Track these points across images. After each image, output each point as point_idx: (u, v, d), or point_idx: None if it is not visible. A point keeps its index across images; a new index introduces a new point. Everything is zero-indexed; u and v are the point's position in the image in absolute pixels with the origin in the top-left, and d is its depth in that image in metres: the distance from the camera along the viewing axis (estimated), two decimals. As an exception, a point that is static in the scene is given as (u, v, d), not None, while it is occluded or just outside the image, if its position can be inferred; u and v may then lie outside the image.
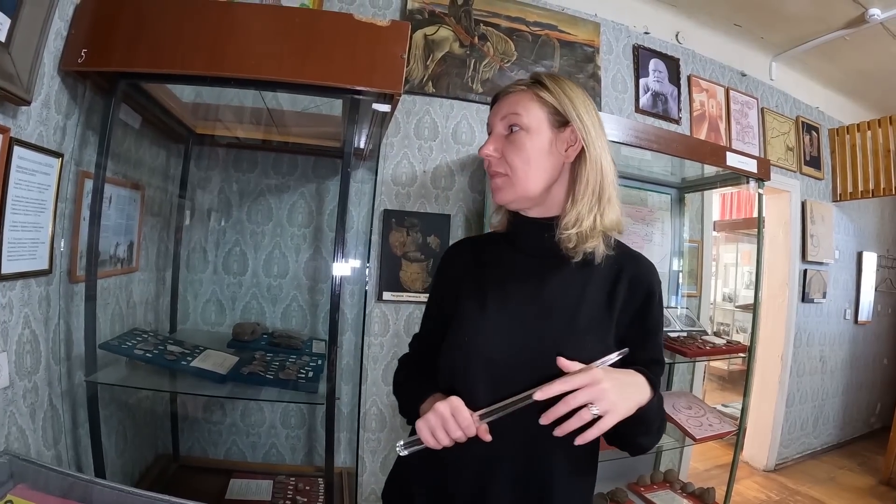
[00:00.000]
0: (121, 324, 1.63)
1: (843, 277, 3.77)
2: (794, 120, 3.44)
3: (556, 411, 0.68)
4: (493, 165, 0.83)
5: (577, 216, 0.79)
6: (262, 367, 1.54)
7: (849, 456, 3.65)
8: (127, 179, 1.61)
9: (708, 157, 2.00)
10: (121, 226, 1.59)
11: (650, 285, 0.84)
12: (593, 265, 0.82)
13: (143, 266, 1.75)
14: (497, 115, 0.84)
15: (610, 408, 0.68)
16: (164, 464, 1.86)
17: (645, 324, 0.83)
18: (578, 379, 0.68)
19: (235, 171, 2.02)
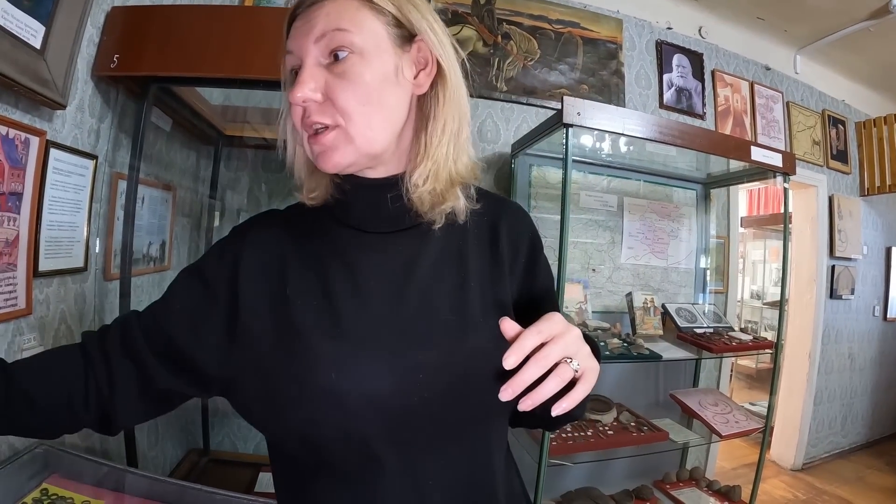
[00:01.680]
0: (154, 321, 1.64)
1: (872, 273, 3.61)
2: (821, 113, 3.31)
3: (527, 374, 0.45)
4: (313, 115, 0.52)
5: (434, 167, 0.56)
6: None
7: (877, 455, 3.50)
8: (159, 181, 1.62)
9: (732, 151, 1.92)
10: (153, 225, 1.60)
11: (531, 231, 0.65)
12: (459, 226, 0.60)
13: (176, 265, 1.76)
14: (307, 36, 0.52)
15: (586, 363, 0.48)
16: (195, 458, 1.87)
17: (537, 278, 0.64)
18: (552, 326, 0.47)
19: (264, 172, 2.02)
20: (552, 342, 0.46)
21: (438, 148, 0.57)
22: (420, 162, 0.56)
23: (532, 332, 0.46)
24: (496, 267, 0.61)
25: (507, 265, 0.62)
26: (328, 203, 0.61)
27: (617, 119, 1.60)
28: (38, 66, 1.05)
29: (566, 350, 0.47)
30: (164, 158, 1.67)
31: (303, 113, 0.54)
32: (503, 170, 2.28)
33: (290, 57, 0.55)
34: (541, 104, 2.37)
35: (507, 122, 2.33)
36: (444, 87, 0.57)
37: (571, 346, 0.47)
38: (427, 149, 0.57)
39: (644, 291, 2.20)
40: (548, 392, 0.45)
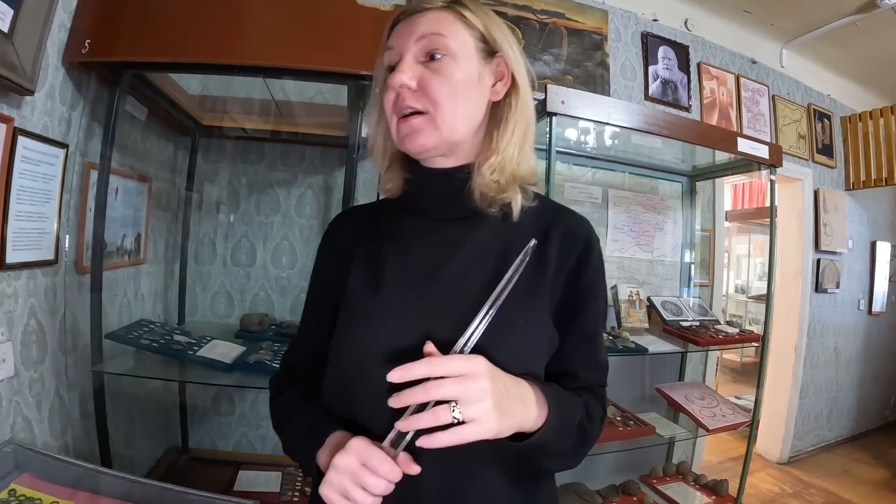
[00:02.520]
0: (128, 315, 1.62)
1: (857, 267, 3.70)
2: (806, 107, 3.37)
3: (409, 396, 0.51)
4: (407, 100, 0.62)
5: (501, 161, 0.65)
6: (268, 356, 1.52)
7: (863, 448, 3.58)
8: (134, 171, 1.61)
9: (719, 142, 1.95)
10: (128, 217, 1.58)
11: (588, 241, 0.68)
12: (513, 222, 0.66)
13: (151, 258, 1.75)
14: (410, 36, 0.63)
15: (478, 416, 0.51)
16: (173, 456, 1.86)
17: (581, 289, 0.66)
18: (452, 364, 0.52)
19: (243, 163, 2.01)
20: (450, 380, 0.51)
21: (507, 147, 0.65)
22: (489, 155, 0.65)
23: (427, 361, 0.52)
24: (538, 265, 0.64)
25: (553, 269, 0.65)
26: (399, 196, 0.72)
27: (602, 108, 1.62)
28: (6, 49, 1.03)
29: (458, 394, 0.51)
30: (140, 149, 1.65)
31: (395, 99, 0.63)
32: (489, 162, 2.28)
33: (390, 53, 0.65)
34: (526, 96, 2.38)
35: (491, 112, 2.34)
36: (516, 98, 0.67)
37: (467, 392, 0.51)
38: (497, 144, 0.66)
39: (629, 284, 2.23)
40: (417, 424, 0.51)
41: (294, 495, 1.75)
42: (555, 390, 0.61)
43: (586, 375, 0.67)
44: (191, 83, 1.78)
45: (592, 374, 0.68)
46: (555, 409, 0.58)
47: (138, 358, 1.48)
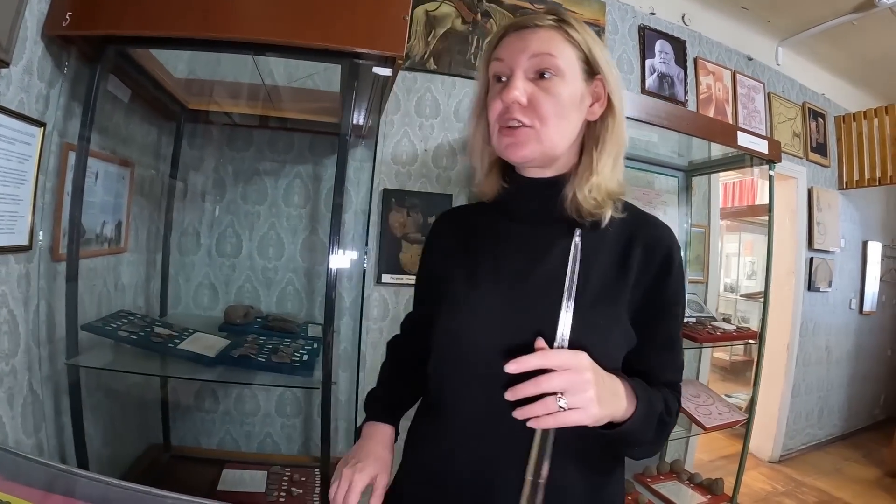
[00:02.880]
0: (107, 306, 1.56)
1: (849, 267, 3.73)
2: (801, 106, 3.39)
3: (523, 390, 0.58)
4: (515, 113, 0.67)
5: (598, 181, 0.70)
6: (253, 350, 1.46)
7: (853, 447, 3.62)
8: (115, 156, 1.54)
9: (719, 136, 1.95)
10: (108, 204, 1.52)
11: (669, 249, 0.71)
12: (600, 230, 0.71)
13: (133, 247, 1.69)
14: (523, 52, 0.67)
15: (583, 405, 0.58)
16: (155, 454, 1.79)
17: (664, 296, 0.70)
18: (561, 357, 0.59)
19: (229, 150, 1.95)
20: (557, 374, 0.58)
21: (604, 168, 0.71)
22: (589, 176, 0.70)
23: (539, 355, 0.59)
24: (622, 272, 0.70)
25: (635, 273, 0.70)
26: (495, 200, 0.80)
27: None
28: (-24, 17, 0.97)
29: (564, 385, 0.58)
30: (122, 132, 1.59)
31: (502, 111, 0.68)
32: (481, 152, 2.26)
33: (500, 64, 0.70)
34: (520, 86, 2.36)
35: (485, 103, 2.30)
36: (612, 119, 0.72)
37: (571, 384, 0.58)
38: (596, 165, 0.70)
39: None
40: (529, 413, 0.58)
41: (280, 496, 1.70)
42: (641, 385, 0.67)
43: (666, 375, 0.74)
44: (177, 65, 1.71)
45: (671, 374, 0.75)
46: (641, 403, 0.65)
47: (117, 351, 1.41)
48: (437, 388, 0.74)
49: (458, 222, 0.85)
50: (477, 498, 0.67)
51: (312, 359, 1.50)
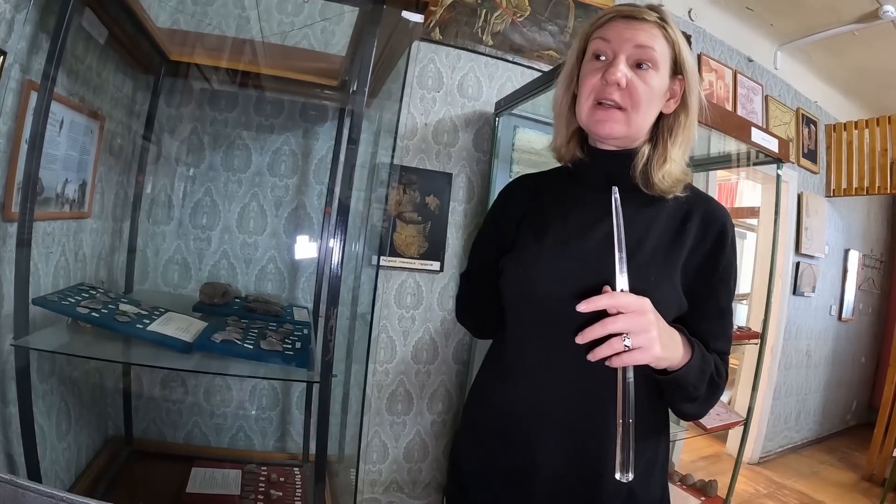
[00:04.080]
0: (66, 279, 1.35)
1: (831, 273, 3.81)
2: (795, 111, 3.42)
3: (592, 332, 0.64)
4: (613, 94, 0.73)
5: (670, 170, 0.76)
6: (238, 335, 1.27)
7: (828, 451, 3.72)
8: (84, 104, 1.34)
9: (735, 129, 1.88)
10: (72, 160, 1.31)
11: (723, 225, 0.78)
12: (662, 202, 0.78)
13: (97, 212, 1.48)
14: (629, 41, 0.73)
15: (645, 344, 0.63)
16: (114, 449, 1.60)
17: (717, 267, 0.77)
18: (627, 299, 0.64)
19: (211, 110, 1.75)
20: (623, 315, 0.63)
21: (675, 156, 0.77)
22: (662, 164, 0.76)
23: (608, 296, 0.65)
24: (678, 239, 0.76)
25: (690, 245, 0.76)
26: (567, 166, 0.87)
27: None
28: None
29: (628, 326, 0.63)
30: (93, 79, 1.38)
31: (600, 87, 0.74)
32: (483, 129, 2.16)
33: (604, 44, 0.75)
34: (528, 64, 2.27)
35: (490, 79, 2.20)
36: (685, 116, 0.78)
37: (635, 325, 0.63)
38: (668, 154, 0.77)
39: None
40: (599, 354, 0.64)
41: (258, 498, 1.55)
42: (696, 341, 0.73)
43: (717, 343, 0.77)
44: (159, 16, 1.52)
45: (722, 342, 0.78)
46: (697, 353, 0.71)
47: (75, 330, 1.20)
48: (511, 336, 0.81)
49: (531, 186, 0.92)
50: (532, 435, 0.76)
51: (305, 347, 1.34)
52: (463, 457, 0.87)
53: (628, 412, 0.63)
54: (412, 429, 2.13)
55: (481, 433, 0.85)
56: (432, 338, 2.13)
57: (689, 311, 0.76)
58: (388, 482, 2.12)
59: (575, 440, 0.74)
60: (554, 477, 0.75)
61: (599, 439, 0.72)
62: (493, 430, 0.82)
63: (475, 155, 2.16)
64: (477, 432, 0.86)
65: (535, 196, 0.89)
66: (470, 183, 2.15)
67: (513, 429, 0.78)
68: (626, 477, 0.62)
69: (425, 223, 2.07)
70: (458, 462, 0.88)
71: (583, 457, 0.74)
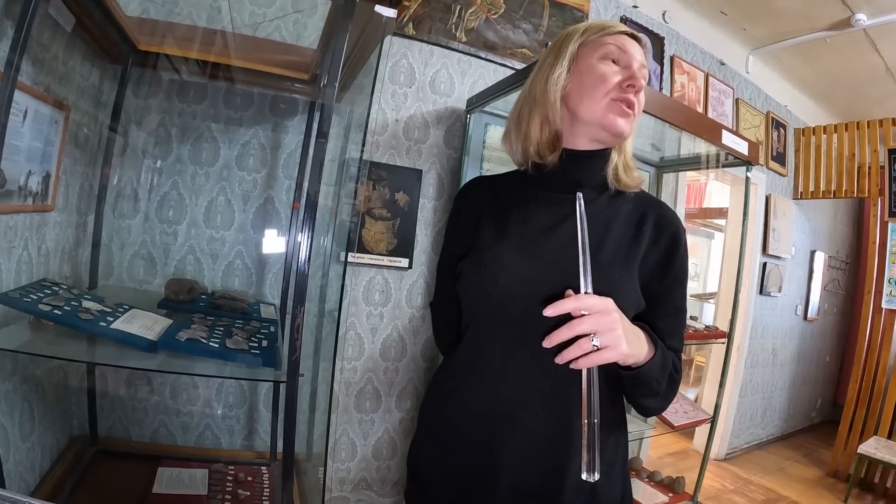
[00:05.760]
0: (28, 274, 1.35)
1: (798, 274, 3.98)
2: (765, 115, 3.56)
3: (559, 335, 0.67)
4: (632, 98, 0.79)
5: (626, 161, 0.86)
6: (203, 333, 1.27)
7: (793, 448, 3.88)
8: (49, 94, 1.34)
9: (706, 131, 1.96)
10: (36, 151, 1.31)
11: (676, 229, 0.83)
12: (620, 203, 0.84)
13: (61, 206, 1.48)
14: (636, 59, 0.82)
15: (613, 342, 0.66)
16: (79, 449, 1.59)
17: (672, 268, 0.82)
18: (591, 301, 0.67)
19: (179, 102, 1.76)
20: (589, 317, 0.66)
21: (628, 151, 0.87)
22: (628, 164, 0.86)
23: (573, 298, 0.67)
24: (634, 240, 0.81)
25: (646, 245, 0.81)
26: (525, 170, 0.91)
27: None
28: None
29: (594, 326, 0.66)
30: (59, 68, 1.38)
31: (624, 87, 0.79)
32: (455, 126, 2.20)
33: (618, 51, 0.81)
34: (500, 62, 2.32)
35: (462, 75, 2.24)
36: None
37: (601, 325, 0.66)
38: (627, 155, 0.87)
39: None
40: (569, 355, 0.67)
41: (225, 498, 1.56)
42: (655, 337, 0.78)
43: (672, 341, 0.82)
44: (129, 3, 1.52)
45: (676, 339, 0.83)
46: (659, 349, 0.76)
47: (36, 328, 1.21)
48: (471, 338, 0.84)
49: (487, 187, 0.95)
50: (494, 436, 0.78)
51: (272, 345, 1.35)
52: (422, 458, 0.89)
53: (593, 412, 0.66)
54: (380, 426, 2.17)
55: (440, 435, 0.86)
56: (400, 335, 2.17)
57: (646, 310, 0.81)
58: (356, 480, 2.15)
59: (538, 441, 0.76)
60: (516, 477, 0.77)
61: (563, 439, 0.75)
62: (452, 431, 0.84)
63: (446, 152, 2.20)
64: (436, 434, 0.88)
65: (491, 198, 0.91)
66: (440, 180, 2.20)
67: (474, 430, 0.80)
68: (592, 477, 0.65)
69: (394, 220, 2.11)
70: (417, 464, 0.90)
71: (546, 457, 0.76)
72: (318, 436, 2.00)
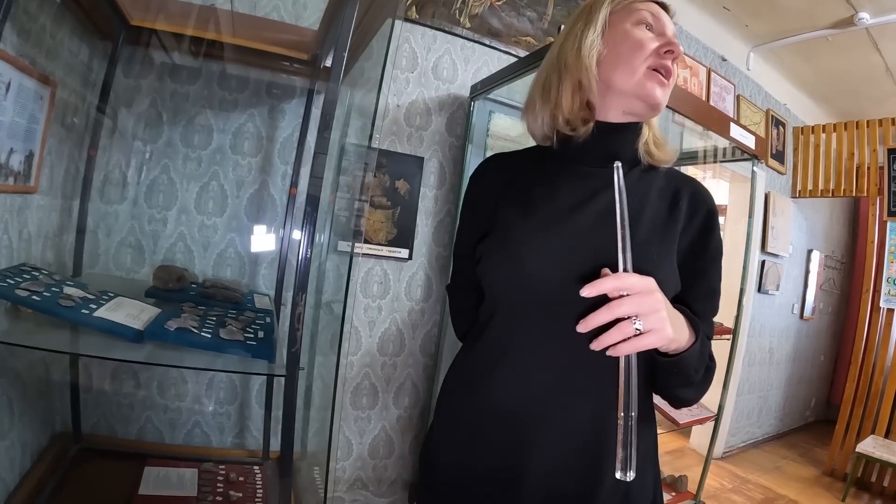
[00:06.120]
0: (9, 259, 1.27)
1: (794, 272, 3.99)
2: (766, 112, 3.55)
3: (597, 318, 0.61)
4: (671, 66, 0.74)
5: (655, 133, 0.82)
6: (194, 322, 1.18)
7: (788, 447, 3.90)
8: (34, 67, 1.25)
9: (715, 124, 1.93)
10: (19, 128, 1.23)
11: (711, 206, 0.79)
12: (652, 178, 0.79)
13: (45, 188, 1.40)
14: (669, 28, 0.77)
15: (656, 326, 0.60)
16: (62, 446, 1.51)
17: (708, 247, 0.77)
18: (632, 280, 0.61)
19: (172, 82, 1.68)
20: (629, 297, 0.60)
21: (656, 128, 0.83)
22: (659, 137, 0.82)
23: (613, 277, 0.62)
24: (670, 217, 0.76)
25: (682, 222, 0.76)
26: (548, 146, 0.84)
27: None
28: None
29: (637, 308, 0.60)
30: (46, 40, 1.30)
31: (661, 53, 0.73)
32: (457, 114, 2.16)
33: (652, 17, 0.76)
34: (505, 49, 2.28)
35: (466, 62, 2.20)
36: None
37: (644, 306, 0.60)
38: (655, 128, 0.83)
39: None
40: (608, 340, 0.61)
41: (216, 499, 1.49)
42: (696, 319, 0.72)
43: (706, 326, 0.76)
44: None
45: (708, 325, 0.78)
46: (701, 335, 0.70)
47: (14, 315, 1.12)
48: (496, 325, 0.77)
49: (503, 165, 0.89)
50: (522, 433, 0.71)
51: (269, 336, 1.28)
52: (440, 459, 0.82)
53: (630, 405, 0.61)
54: (377, 424, 2.11)
55: (461, 433, 0.79)
56: (399, 329, 2.11)
57: (681, 292, 0.75)
58: (352, 480, 2.09)
59: (570, 438, 0.70)
60: (546, 479, 0.70)
61: (598, 436, 0.69)
62: (474, 428, 0.77)
63: (448, 139, 2.15)
64: (455, 432, 0.81)
65: (511, 175, 0.85)
66: (442, 168, 2.14)
67: (499, 427, 0.74)
68: (627, 476, 0.60)
69: (394, 208, 2.05)
70: (433, 463, 0.83)
71: (579, 456, 0.70)
72: (314, 434, 1.94)
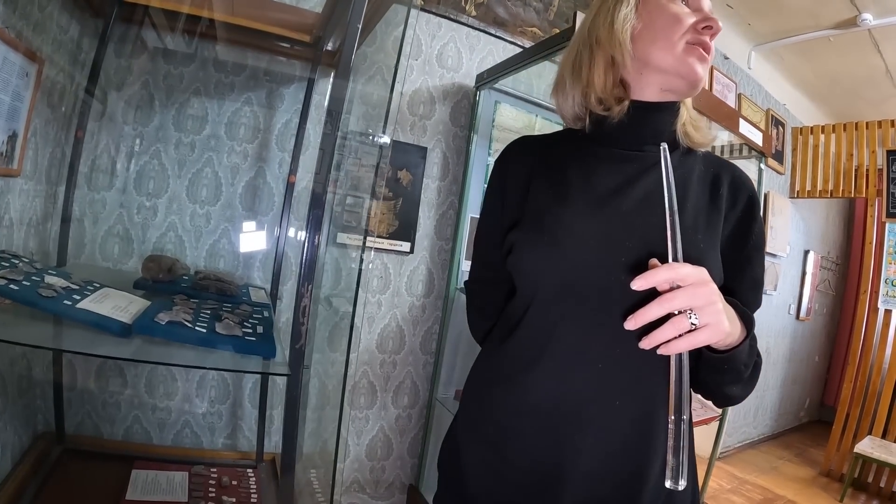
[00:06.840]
0: (-13, 247, 1.20)
1: (791, 273, 4.01)
2: (766, 112, 3.56)
3: (648, 312, 0.56)
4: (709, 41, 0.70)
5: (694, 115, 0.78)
6: (187, 315, 1.08)
7: (784, 447, 3.92)
8: (21, 41, 1.17)
9: (724, 119, 1.92)
10: (2, 104, 1.15)
11: (752, 191, 0.76)
12: (692, 162, 0.76)
13: (29, 171, 1.31)
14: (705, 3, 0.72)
15: (713, 320, 0.56)
16: (44, 447, 1.43)
17: (751, 235, 0.73)
18: (685, 270, 0.56)
19: (165, 63, 1.60)
20: (682, 289, 0.56)
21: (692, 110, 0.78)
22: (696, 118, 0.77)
23: (667, 268, 0.56)
24: (713, 204, 0.73)
25: (724, 210, 0.73)
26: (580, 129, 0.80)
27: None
28: None
29: (692, 301, 0.56)
30: (34, 14, 1.22)
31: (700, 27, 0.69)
32: (462, 103, 2.11)
33: None
34: (510, 40, 2.24)
35: (471, 50, 2.15)
36: None
37: (699, 298, 0.56)
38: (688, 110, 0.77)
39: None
40: (662, 336, 0.56)
41: (208, 504, 1.43)
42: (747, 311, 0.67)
43: None
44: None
45: None
46: (752, 329, 0.66)
47: None
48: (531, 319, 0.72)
49: (531, 148, 0.84)
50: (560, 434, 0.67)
51: (268, 331, 1.20)
52: (467, 463, 0.78)
53: (682, 407, 0.56)
54: (375, 424, 2.06)
55: (491, 435, 0.75)
56: (399, 325, 2.06)
57: (724, 284, 0.71)
58: (349, 482, 2.03)
59: (612, 441, 0.66)
60: (585, 485, 0.66)
61: (642, 439, 0.66)
62: (506, 430, 0.73)
63: (452, 129, 2.10)
64: (485, 435, 0.76)
65: (541, 159, 0.80)
66: (445, 158, 2.09)
67: (534, 429, 0.70)
68: (679, 485, 0.55)
69: (396, 199, 1.99)
70: (457, 468, 0.79)
71: (621, 460, 0.66)
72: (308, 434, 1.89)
